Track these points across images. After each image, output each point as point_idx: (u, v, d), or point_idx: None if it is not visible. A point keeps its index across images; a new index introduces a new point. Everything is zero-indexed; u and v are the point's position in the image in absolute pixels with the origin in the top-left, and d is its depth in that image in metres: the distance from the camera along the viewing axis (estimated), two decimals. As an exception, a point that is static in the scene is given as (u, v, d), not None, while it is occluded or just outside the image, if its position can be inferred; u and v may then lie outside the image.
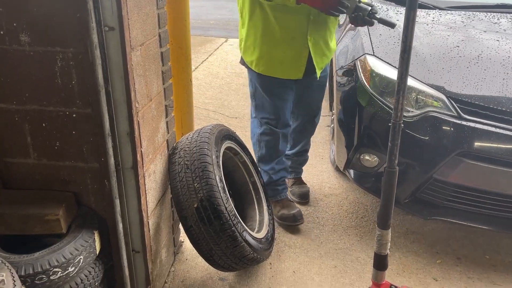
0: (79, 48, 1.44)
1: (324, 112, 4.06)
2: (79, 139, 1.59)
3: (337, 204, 2.75)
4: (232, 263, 1.90)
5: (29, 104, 1.55)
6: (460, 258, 2.31)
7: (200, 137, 1.96)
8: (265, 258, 2.10)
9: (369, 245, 2.38)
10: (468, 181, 2.10)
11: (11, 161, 1.64)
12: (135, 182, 1.64)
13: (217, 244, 1.83)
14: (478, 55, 2.27)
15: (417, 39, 2.43)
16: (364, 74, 2.39)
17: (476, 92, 2.11)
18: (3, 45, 1.47)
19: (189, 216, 1.82)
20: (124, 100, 1.51)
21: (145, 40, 1.59)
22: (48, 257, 1.43)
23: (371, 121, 2.31)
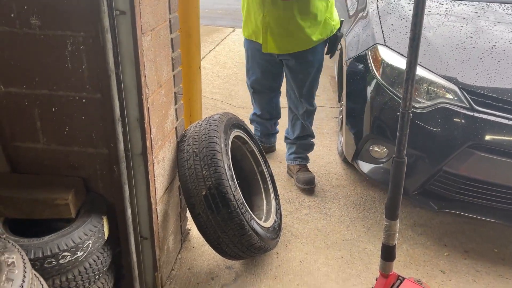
0: (90, 32, 1.43)
1: (331, 103, 4.05)
2: (89, 124, 1.58)
3: (345, 195, 2.73)
4: (239, 251, 1.90)
5: (39, 89, 1.54)
6: (468, 251, 2.30)
7: (209, 125, 1.95)
8: (272, 247, 2.10)
9: (376, 237, 2.37)
10: (479, 174, 2.08)
11: (20, 145, 1.64)
12: (144, 169, 1.63)
13: (225, 232, 1.83)
14: (491, 46, 2.23)
15: (430, 29, 2.39)
16: (375, 64, 2.37)
17: (489, 83, 2.08)
18: (13, 28, 1.46)
19: (197, 203, 1.81)
20: (134, 86, 1.50)
21: (156, 25, 1.58)
22: (57, 241, 1.44)
23: (381, 111, 2.29)
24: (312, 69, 2.52)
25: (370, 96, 2.34)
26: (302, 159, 2.83)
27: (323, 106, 3.99)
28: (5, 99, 1.57)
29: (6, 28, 1.46)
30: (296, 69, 2.52)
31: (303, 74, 2.53)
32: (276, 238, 2.12)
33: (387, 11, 2.66)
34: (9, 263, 1.15)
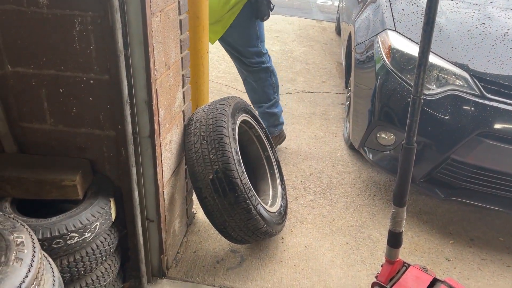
0: (98, 12, 1.41)
1: (337, 89, 4.02)
2: (96, 106, 1.57)
3: (350, 182, 2.73)
4: (245, 235, 1.90)
5: (46, 69, 1.53)
6: (473, 239, 2.30)
7: (217, 109, 1.93)
8: (278, 232, 2.10)
9: (381, 223, 2.37)
10: (487, 162, 2.07)
11: (27, 126, 1.63)
12: (151, 151, 1.63)
13: (231, 216, 1.83)
14: (504, 33, 2.20)
15: (442, 15, 2.35)
16: (384, 50, 2.33)
17: (501, 71, 2.05)
18: (21, 6, 1.44)
19: (204, 187, 1.81)
20: (143, 67, 1.48)
21: (165, 6, 1.55)
22: (65, 222, 1.44)
23: (390, 98, 2.27)
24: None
25: (378, 82, 2.31)
26: (268, 128, 2.90)
27: (329, 92, 3.97)
28: (12, 79, 1.56)
29: (13, 6, 1.44)
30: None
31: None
32: (282, 223, 2.12)
33: (398, -5, 2.61)
34: (18, 243, 1.15)
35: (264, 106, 2.84)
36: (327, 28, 5.89)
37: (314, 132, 3.29)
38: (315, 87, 4.06)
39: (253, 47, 2.68)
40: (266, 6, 2.53)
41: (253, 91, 2.84)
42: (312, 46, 5.12)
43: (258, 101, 2.86)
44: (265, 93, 2.81)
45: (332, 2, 7.41)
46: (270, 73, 2.77)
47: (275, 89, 2.83)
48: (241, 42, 2.67)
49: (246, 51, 2.69)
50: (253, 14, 2.57)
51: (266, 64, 2.75)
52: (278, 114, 2.89)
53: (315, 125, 3.39)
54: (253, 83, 2.80)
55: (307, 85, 4.09)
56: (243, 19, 2.58)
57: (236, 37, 2.65)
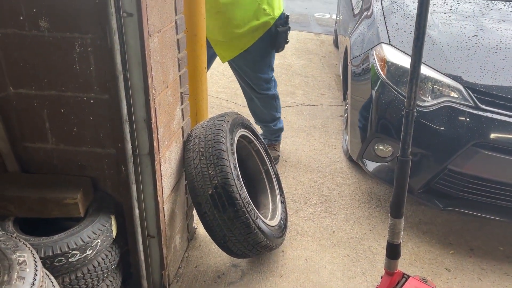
0: (97, 34, 1.45)
1: (336, 102, 4.05)
2: (96, 124, 1.60)
3: (350, 193, 2.74)
4: (245, 249, 1.92)
5: (48, 90, 1.57)
6: (473, 249, 2.30)
7: (215, 124, 1.96)
8: (278, 246, 2.11)
9: (381, 235, 2.38)
10: (484, 172, 2.09)
11: (29, 145, 1.67)
12: (151, 168, 1.66)
13: (231, 230, 1.85)
14: (496, 45, 2.24)
15: (435, 28, 2.40)
16: (380, 63, 2.37)
17: (494, 82, 2.08)
18: (22, 30, 1.49)
19: (203, 202, 1.84)
20: (141, 87, 1.52)
21: (162, 26, 1.60)
22: (67, 240, 1.46)
23: (386, 110, 2.30)
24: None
25: (375, 95, 2.35)
26: (269, 140, 3.03)
27: (328, 105, 4.01)
28: (15, 100, 1.60)
29: (15, 30, 1.49)
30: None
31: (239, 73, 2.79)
32: (282, 236, 2.14)
33: (392, 10, 2.66)
34: (20, 262, 1.18)
35: (269, 126, 2.99)
36: (325, 41, 5.95)
37: (314, 144, 3.32)
38: (314, 100, 4.10)
39: (263, 73, 2.77)
40: (283, 38, 2.62)
41: (258, 112, 2.96)
42: (310, 59, 5.17)
43: (263, 120, 2.99)
44: (270, 114, 2.94)
45: (330, 15, 7.50)
46: (275, 99, 2.90)
47: (278, 109, 2.97)
48: (253, 68, 2.72)
49: (256, 76, 2.76)
50: (270, 43, 2.64)
51: (272, 91, 2.86)
52: (281, 129, 3.06)
53: (315, 137, 3.42)
54: (258, 105, 2.91)
55: (306, 98, 4.13)
56: (261, 46, 2.63)
57: (249, 62, 2.70)
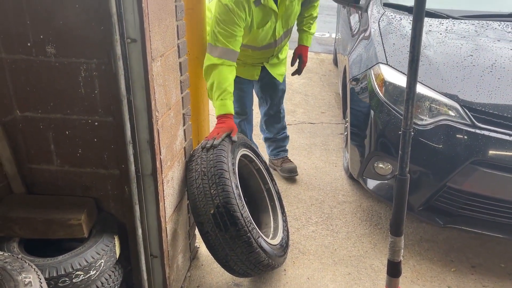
0: (102, 59, 1.50)
1: (336, 120, 4.10)
2: (101, 146, 1.64)
3: (351, 211, 2.76)
4: (247, 268, 1.93)
5: (54, 113, 1.62)
6: (475, 267, 2.31)
7: (216, 151, 2.00)
8: (280, 265, 2.12)
9: (383, 253, 2.39)
10: (482, 189, 2.11)
11: (35, 167, 1.71)
12: (154, 189, 1.69)
13: (233, 249, 1.86)
14: (491, 64, 2.28)
15: (431, 48, 2.45)
16: (378, 83, 2.42)
17: (490, 100, 2.12)
18: (30, 56, 1.54)
19: (205, 222, 1.86)
20: (144, 109, 1.56)
21: (165, 51, 1.65)
22: (71, 261, 1.48)
23: (385, 129, 2.34)
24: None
25: (373, 113, 2.38)
26: (283, 151, 3.20)
27: (329, 123, 4.05)
28: (21, 123, 1.64)
29: (23, 56, 1.54)
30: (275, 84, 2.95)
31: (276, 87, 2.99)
32: (284, 255, 2.15)
33: (389, 30, 2.72)
34: (26, 283, 1.20)
35: (282, 134, 3.17)
36: (325, 60, 6.03)
37: (315, 162, 3.35)
38: (315, 118, 4.14)
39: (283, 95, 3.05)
40: (302, 64, 2.99)
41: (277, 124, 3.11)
42: (311, 77, 5.24)
43: (280, 129, 3.14)
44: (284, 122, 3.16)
45: (329, 34, 7.61)
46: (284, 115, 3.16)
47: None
48: (285, 80, 2.99)
49: (282, 97, 3.03)
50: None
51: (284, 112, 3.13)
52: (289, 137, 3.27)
53: (315, 155, 3.45)
54: (279, 117, 3.07)
55: (306, 116, 4.17)
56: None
57: (283, 83, 2.97)
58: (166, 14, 1.64)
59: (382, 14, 2.96)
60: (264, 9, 2.38)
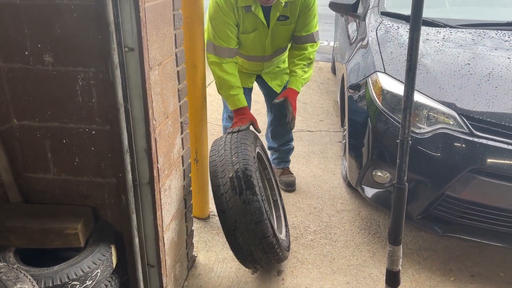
0: (100, 67, 1.50)
1: (334, 128, 4.10)
2: (98, 155, 1.64)
3: (350, 220, 2.75)
4: (251, 243, 1.96)
5: (51, 121, 1.61)
6: (474, 276, 2.29)
7: (240, 134, 2.21)
8: (282, 258, 2.13)
9: (381, 262, 2.37)
10: (481, 198, 2.10)
11: (32, 176, 1.70)
12: (151, 197, 1.68)
13: (243, 216, 1.92)
14: (489, 73, 2.29)
15: (428, 56, 2.46)
16: (375, 91, 2.42)
17: (488, 109, 2.12)
18: (27, 65, 1.54)
19: (222, 184, 1.96)
20: (142, 118, 1.56)
21: (162, 59, 1.65)
22: (67, 271, 1.47)
23: (383, 137, 2.33)
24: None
25: (371, 122, 2.39)
26: (285, 162, 3.16)
27: (327, 131, 4.05)
28: (18, 132, 1.64)
29: (20, 65, 1.54)
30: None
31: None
32: (287, 251, 2.20)
33: (386, 39, 2.73)
34: (21, 293, 1.19)
35: (288, 145, 3.12)
36: (323, 68, 6.05)
37: (313, 170, 3.34)
38: (313, 126, 4.15)
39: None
40: (290, 110, 2.81)
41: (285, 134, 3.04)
42: (309, 85, 5.25)
43: (287, 140, 3.10)
44: (291, 135, 3.12)
45: (328, 43, 7.64)
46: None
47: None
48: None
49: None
50: None
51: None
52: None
53: (314, 163, 3.45)
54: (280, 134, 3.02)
55: (305, 124, 4.17)
56: None
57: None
58: (164, 23, 1.64)
59: (379, 23, 2.98)
60: (253, 17, 2.41)
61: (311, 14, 2.50)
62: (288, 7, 2.42)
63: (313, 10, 2.50)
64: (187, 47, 2.14)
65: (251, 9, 2.36)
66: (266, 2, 2.31)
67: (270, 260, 2.07)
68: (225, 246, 2.46)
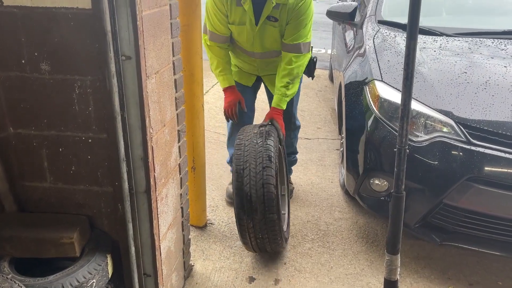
0: (96, 76, 1.50)
1: (332, 135, 4.10)
2: (94, 163, 1.63)
3: (347, 228, 2.74)
4: (255, 193, 2.06)
5: (47, 130, 1.60)
6: (472, 284, 2.28)
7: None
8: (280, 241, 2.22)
9: (379, 270, 2.36)
10: (478, 206, 2.10)
11: (28, 184, 1.69)
12: (147, 206, 1.67)
13: (255, 159, 2.10)
14: (485, 81, 2.30)
15: (425, 64, 2.47)
16: (373, 99, 2.43)
17: (485, 117, 2.12)
18: (24, 73, 1.53)
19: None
20: (139, 126, 1.55)
21: (160, 68, 1.65)
22: (62, 281, 1.46)
23: (380, 145, 2.33)
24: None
25: (369, 130, 2.38)
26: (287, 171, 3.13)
27: (325, 138, 4.05)
28: (14, 140, 1.63)
29: (17, 73, 1.54)
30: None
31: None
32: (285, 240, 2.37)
33: (384, 47, 2.74)
34: (15, 304, 1.17)
35: (291, 156, 3.07)
36: (321, 76, 6.07)
37: (311, 178, 3.34)
38: (311, 134, 4.15)
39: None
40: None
41: (287, 146, 2.97)
42: (307, 93, 5.26)
43: (290, 153, 3.04)
44: (294, 146, 3.06)
45: (325, 50, 7.67)
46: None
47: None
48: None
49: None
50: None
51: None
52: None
53: (312, 171, 3.44)
54: (290, 139, 2.95)
55: (302, 132, 4.16)
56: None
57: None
58: (161, 32, 1.64)
59: (376, 31, 2.99)
60: (243, 12, 2.43)
61: (302, 22, 2.41)
62: (279, 9, 2.38)
63: (305, 19, 2.40)
64: (185, 56, 2.14)
65: (241, 3, 2.40)
66: None
67: (267, 227, 2.13)
68: (222, 255, 2.44)
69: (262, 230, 2.12)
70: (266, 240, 2.17)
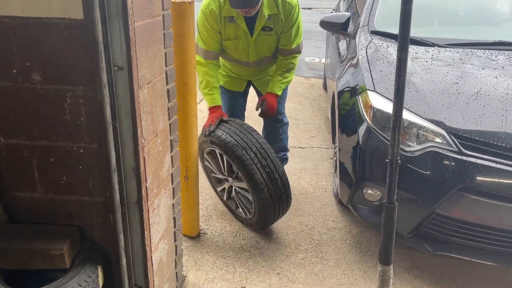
0: (88, 86, 1.49)
1: (326, 144, 4.11)
2: (86, 174, 1.62)
3: (341, 238, 2.73)
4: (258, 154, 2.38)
5: (38, 140, 1.59)
6: (465, 295, 2.29)
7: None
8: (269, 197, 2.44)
9: (372, 280, 2.36)
10: (470, 216, 2.11)
11: (18, 195, 1.67)
12: (139, 217, 1.65)
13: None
14: (477, 92, 2.32)
15: (417, 75, 2.49)
16: (366, 109, 2.44)
17: (476, 127, 2.14)
18: (15, 83, 1.52)
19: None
20: (130, 136, 1.55)
21: (152, 78, 1.65)
22: (51, 293, 1.43)
23: (373, 155, 2.34)
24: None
25: (361, 140, 2.39)
26: None
27: (319, 147, 4.05)
28: (5, 150, 1.61)
29: (8, 83, 1.52)
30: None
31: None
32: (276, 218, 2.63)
33: (376, 57, 2.76)
34: (2, 317, 1.15)
35: (281, 154, 3.19)
36: (315, 85, 6.09)
37: (304, 187, 3.34)
38: (305, 143, 4.15)
39: (284, 103, 3.09)
40: (266, 105, 2.92)
41: (277, 143, 3.13)
42: (301, 102, 5.28)
43: (280, 150, 3.17)
44: (284, 144, 3.19)
45: (319, 59, 7.71)
46: (287, 126, 3.18)
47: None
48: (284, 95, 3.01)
49: (282, 107, 3.06)
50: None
51: (287, 119, 3.17)
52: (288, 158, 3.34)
53: (305, 180, 3.44)
54: (278, 136, 3.13)
55: (296, 141, 4.18)
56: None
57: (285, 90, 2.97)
58: (154, 42, 1.64)
59: (369, 42, 3.01)
60: (236, 27, 2.60)
61: (295, 29, 2.69)
62: (272, 19, 2.61)
63: (297, 24, 2.69)
64: (178, 65, 2.14)
65: (234, 20, 2.56)
66: (246, 13, 2.50)
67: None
68: (215, 266, 2.43)
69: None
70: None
